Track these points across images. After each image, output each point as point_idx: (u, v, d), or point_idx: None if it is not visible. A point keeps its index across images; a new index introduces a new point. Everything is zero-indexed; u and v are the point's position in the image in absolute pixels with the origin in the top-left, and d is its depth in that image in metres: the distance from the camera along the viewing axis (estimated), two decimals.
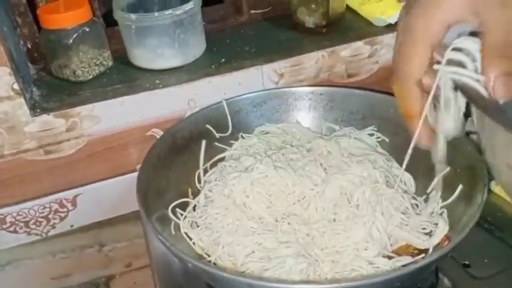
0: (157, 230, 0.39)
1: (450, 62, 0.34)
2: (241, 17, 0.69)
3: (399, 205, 0.44)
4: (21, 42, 0.61)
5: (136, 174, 0.60)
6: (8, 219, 0.59)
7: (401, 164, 0.49)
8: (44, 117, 0.54)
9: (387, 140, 0.53)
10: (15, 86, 0.52)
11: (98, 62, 0.59)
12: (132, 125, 0.58)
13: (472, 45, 0.33)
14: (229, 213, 0.45)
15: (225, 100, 0.55)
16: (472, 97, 0.33)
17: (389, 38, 0.62)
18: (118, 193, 0.62)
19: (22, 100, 0.53)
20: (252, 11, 0.69)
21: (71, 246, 0.65)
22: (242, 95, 0.56)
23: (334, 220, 0.43)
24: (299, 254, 0.40)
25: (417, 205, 0.46)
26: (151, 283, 0.69)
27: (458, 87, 0.35)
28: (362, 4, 0.65)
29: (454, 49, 0.34)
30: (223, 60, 0.61)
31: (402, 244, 0.43)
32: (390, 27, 0.63)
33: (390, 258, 0.41)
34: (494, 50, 0.31)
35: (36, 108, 0.54)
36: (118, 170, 0.61)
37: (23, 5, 0.60)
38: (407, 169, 0.49)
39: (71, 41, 0.56)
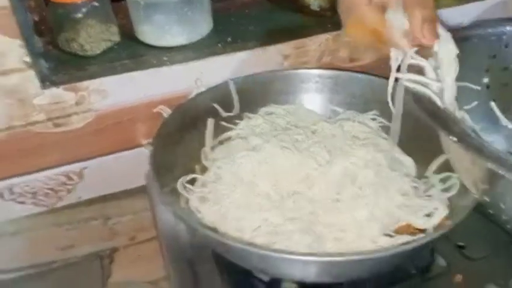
0: (170, 201, 0.41)
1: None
2: None
3: (400, 187, 0.46)
4: (29, 14, 0.61)
5: (141, 149, 0.63)
6: (16, 190, 0.60)
7: (402, 148, 0.51)
8: (54, 90, 0.55)
9: (389, 124, 0.54)
10: (26, 59, 0.52)
11: (105, 37, 0.60)
12: (139, 100, 0.59)
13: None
14: (237, 189, 0.47)
15: (232, 79, 0.56)
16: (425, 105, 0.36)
17: None
18: (123, 167, 0.63)
19: (32, 72, 0.53)
20: None
21: (76, 218, 0.67)
22: (248, 75, 0.57)
23: (337, 200, 0.45)
24: (304, 230, 0.42)
25: (417, 188, 0.48)
26: (155, 256, 0.71)
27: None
28: None
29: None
30: (229, 39, 0.61)
31: (402, 224, 0.45)
32: None
33: (391, 237, 0.43)
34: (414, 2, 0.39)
35: (45, 81, 0.55)
36: (124, 145, 0.62)
37: None
38: (408, 153, 0.51)
39: (80, 14, 0.56)
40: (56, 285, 0.69)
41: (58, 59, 0.59)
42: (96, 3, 0.57)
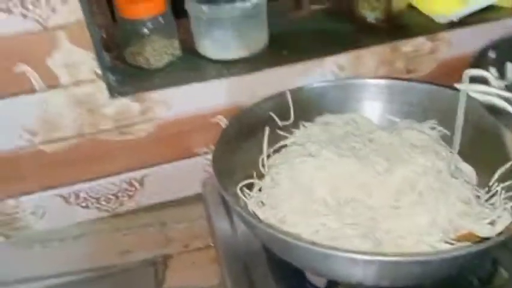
0: (234, 201, 0.42)
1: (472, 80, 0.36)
2: (301, 11, 0.72)
3: (461, 195, 0.45)
4: (97, 30, 0.65)
5: (198, 158, 0.65)
6: (82, 195, 0.64)
7: (463, 157, 0.50)
8: (121, 100, 0.58)
9: (448, 133, 0.54)
10: (97, 70, 0.56)
11: (168, 52, 0.63)
12: (198, 111, 0.61)
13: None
14: (294, 194, 0.47)
15: (288, 90, 0.58)
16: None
17: (450, 35, 0.63)
18: (181, 176, 0.66)
19: (102, 84, 0.57)
20: (312, 6, 0.71)
21: (135, 223, 0.69)
22: (305, 85, 0.59)
23: (397, 207, 0.45)
24: (364, 235, 0.42)
25: (479, 197, 0.47)
26: (209, 264, 0.73)
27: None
28: (424, 1, 0.66)
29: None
30: (285, 52, 0.63)
31: (464, 232, 0.44)
32: (451, 24, 0.63)
33: (451, 245, 0.43)
34: None
35: (114, 92, 0.59)
36: (183, 154, 0.64)
37: None
38: (469, 162, 0.50)
39: (146, 30, 0.60)
40: None
41: (124, 72, 0.63)
42: (161, 20, 0.61)
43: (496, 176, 0.47)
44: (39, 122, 0.57)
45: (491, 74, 0.41)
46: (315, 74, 0.62)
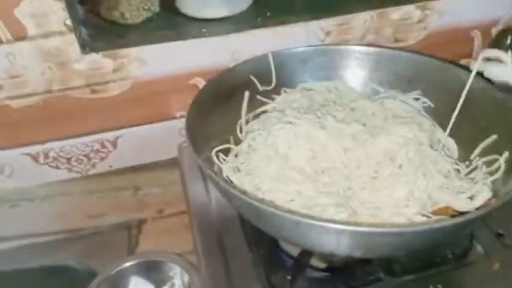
0: (207, 166, 0.40)
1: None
2: None
3: (441, 168, 0.44)
4: None
5: (174, 121, 0.63)
6: (51, 154, 0.61)
7: (444, 130, 0.49)
8: (93, 56, 0.55)
9: (432, 105, 0.52)
10: (68, 22, 0.53)
11: (146, 7, 0.60)
12: (176, 71, 0.59)
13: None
14: (271, 161, 0.46)
15: (271, 53, 0.55)
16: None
17: (442, 4, 0.61)
18: (156, 138, 0.63)
19: (73, 37, 0.54)
20: None
21: (108, 186, 0.67)
22: (288, 49, 0.56)
23: (375, 177, 0.44)
24: (339, 204, 0.41)
25: (459, 170, 0.46)
26: (182, 230, 0.71)
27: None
28: None
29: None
30: (269, 14, 0.60)
31: (441, 206, 0.43)
32: None
33: (428, 218, 0.42)
34: None
35: (86, 47, 0.55)
36: (159, 116, 0.62)
37: None
38: (450, 135, 0.49)
39: None
40: (83, 253, 0.70)
41: (98, 26, 0.60)
42: None
43: (478, 150, 0.46)
44: (5, 76, 0.54)
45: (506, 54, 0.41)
46: (299, 38, 0.59)
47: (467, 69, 0.48)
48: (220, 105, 0.53)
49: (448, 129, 0.45)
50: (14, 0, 0.50)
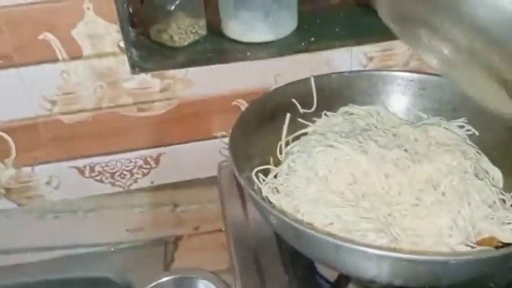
0: (248, 185, 0.41)
1: None
2: (333, 0, 0.70)
3: (486, 197, 0.43)
4: (125, 5, 0.65)
5: (215, 141, 0.64)
6: (97, 168, 0.64)
7: (490, 159, 0.48)
8: (142, 76, 0.58)
9: (477, 133, 0.51)
10: (121, 44, 0.55)
11: (193, 30, 0.62)
12: (219, 93, 0.60)
13: None
14: (310, 184, 0.46)
15: (313, 76, 0.56)
16: None
17: None
18: (197, 157, 0.65)
19: (125, 58, 0.56)
20: None
21: (148, 202, 0.69)
22: (330, 73, 0.57)
23: (417, 204, 0.43)
24: (380, 230, 0.40)
25: (504, 200, 0.45)
26: (218, 249, 0.72)
27: None
28: None
29: None
30: (312, 39, 0.62)
31: (485, 236, 0.42)
32: None
33: (472, 248, 0.41)
34: None
35: (135, 67, 0.58)
36: (201, 135, 0.64)
37: None
38: (496, 164, 0.48)
39: (173, 7, 0.59)
40: (121, 266, 0.72)
41: (148, 48, 0.62)
42: None
43: None
44: (59, 92, 0.57)
45: None
46: (342, 63, 0.60)
47: None
48: (262, 126, 0.53)
49: None
50: (72, 21, 0.53)
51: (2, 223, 0.67)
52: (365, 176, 0.46)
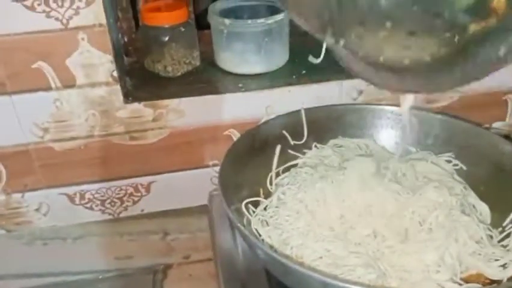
0: (237, 219, 0.41)
1: None
2: None
3: (473, 234, 0.44)
4: (120, 35, 0.66)
5: (206, 170, 0.64)
6: (87, 195, 0.64)
7: (478, 194, 0.49)
8: (135, 105, 0.58)
9: (464, 168, 0.52)
10: (114, 74, 0.56)
11: (187, 61, 0.63)
12: (211, 123, 0.61)
13: None
14: (300, 217, 0.46)
15: (304, 109, 0.57)
16: None
17: None
18: (188, 185, 0.65)
19: (118, 87, 0.57)
20: None
21: (138, 230, 0.69)
22: (321, 106, 0.58)
23: (405, 241, 0.43)
24: (368, 265, 0.40)
25: (491, 236, 0.45)
26: (207, 278, 0.71)
27: None
28: None
29: None
30: (304, 71, 0.63)
31: (473, 273, 0.42)
32: None
33: (460, 285, 0.41)
34: None
35: (129, 96, 0.59)
36: (192, 164, 0.64)
37: (125, 1, 0.65)
38: (483, 199, 0.49)
39: (167, 38, 0.60)
40: None
41: (142, 77, 0.63)
42: (182, 29, 0.61)
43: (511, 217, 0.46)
44: (51, 120, 0.57)
45: None
46: (333, 95, 0.61)
47: (504, 135, 0.49)
48: (252, 158, 0.54)
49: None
50: (66, 51, 0.54)
51: None
52: (353, 210, 0.47)
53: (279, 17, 0.60)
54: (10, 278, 0.69)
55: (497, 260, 0.42)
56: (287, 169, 0.55)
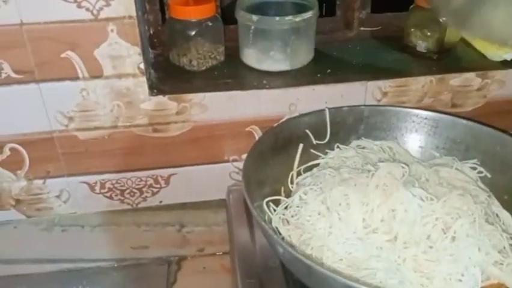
0: (262, 216, 0.41)
1: None
2: (350, 32, 0.71)
3: (497, 243, 0.43)
4: (146, 27, 0.66)
5: (226, 165, 0.65)
6: (107, 185, 0.64)
7: (501, 203, 0.48)
8: (160, 98, 0.58)
9: (489, 175, 0.52)
10: (141, 66, 0.56)
11: (212, 56, 0.63)
12: (234, 118, 0.61)
13: None
14: (322, 218, 0.46)
15: (328, 108, 0.57)
16: None
17: (502, 74, 0.61)
18: (207, 179, 0.65)
19: (144, 79, 0.57)
20: (362, 28, 0.70)
21: (155, 221, 0.69)
22: (345, 106, 0.57)
23: (427, 247, 0.43)
24: (389, 270, 0.40)
25: None
26: (220, 271, 0.72)
27: None
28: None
29: None
30: (328, 70, 0.62)
31: (493, 282, 0.42)
32: (504, 63, 0.61)
33: None
34: None
35: (153, 89, 0.59)
36: (212, 158, 0.64)
37: None
38: (507, 208, 0.48)
39: (194, 32, 0.60)
40: (122, 283, 0.72)
41: (166, 70, 0.63)
42: (209, 23, 0.61)
43: None
44: (77, 109, 0.58)
45: None
46: (356, 96, 0.61)
47: None
48: (275, 155, 0.54)
49: None
50: (95, 41, 0.54)
51: (9, 233, 0.67)
52: (377, 213, 0.46)
53: (307, 15, 0.59)
54: (27, 262, 0.70)
55: None
56: (308, 168, 0.55)
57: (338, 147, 0.56)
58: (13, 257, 0.70)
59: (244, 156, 0.64)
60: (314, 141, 0.56)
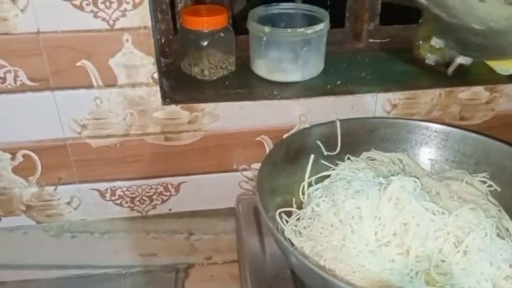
0: (275, 227, 0.42)
1: None
2: (359, 44, 0.71)
3: (508, 257, 0.44)
4: (158, 36, 0.67)
5: (235, 174, 0.65)
6: (118, 192, 0.65)
7: (511, 217, 0.49)
8: (172, 107, 0.59)
9: (499, 189, 0.52)
10: (155, 75, 0.57)
11: (223, 66, 0.64)
12: (244, 128, 0.62)
13: None
14: (335, 230, 0.47)
15: (339, 120, 0.57)
16: None
17: (510, 88, 0.62)
18: (217, 188, 0.66)
19: (157, 88, 0.58)
20: (371, 40, 0.71)
21: (164, 228, 0.70)
22: (355, 118, 0.58)
23: (440, 261, 0.44)
24: (403, 283, 0.41)
25: None
26: (227, 280, 0.72)
27: None
28: None
29: None
30: (339, 82, 0.63)
31: None
32: None
33: None
34: None
35: (166, 98, 0.59)
36: (222, 167, 0.65)
37: (165, 3, 0.66)
38: None
39: (206, 43, 0.61)
40: None
41: (177, 79, 0.64)
42: (222, 34, 0.62)
43: None
44: (90, 117, 0.58)
45: None
46: (366, 108, 0.61)
47: None
48: (286, 166, 0.55)
49: None
50: (111, 51, 0.55)
51: (19, 239, 0.68)
52: (389, 226, 0.47)
53: (319, 27, 0.60)
54: (36, 268, 0.71)
55: None
56: (319, 179, 0.56)
57: (348, 158, 0.57)
58: (22, 263, 0.70)
59: (254, 165, 0.65)
60: (325, 153, 0.57)
